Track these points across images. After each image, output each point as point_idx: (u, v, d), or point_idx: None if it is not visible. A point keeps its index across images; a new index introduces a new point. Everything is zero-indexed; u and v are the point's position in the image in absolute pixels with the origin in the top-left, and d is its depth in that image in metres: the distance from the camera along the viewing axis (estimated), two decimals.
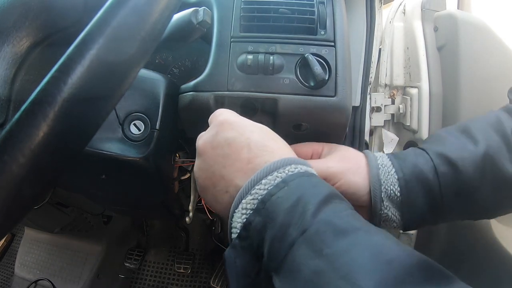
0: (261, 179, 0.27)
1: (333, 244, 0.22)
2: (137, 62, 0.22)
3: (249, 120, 0.33)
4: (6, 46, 0.31)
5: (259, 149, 0.29)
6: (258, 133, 0.31)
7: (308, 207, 0.24)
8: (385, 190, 0.36)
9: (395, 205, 0.36)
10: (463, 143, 0.37)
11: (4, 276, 1.09)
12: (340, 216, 0.24)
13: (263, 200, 0.26)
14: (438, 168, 0.35)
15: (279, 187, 0.26)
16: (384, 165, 0.37)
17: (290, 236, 0.23)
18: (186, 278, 1.00)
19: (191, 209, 0.56)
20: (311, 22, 0.40)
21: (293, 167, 0.28)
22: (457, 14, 0.58)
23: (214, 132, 0.31)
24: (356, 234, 0.22)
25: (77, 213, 0.91)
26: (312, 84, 0.38)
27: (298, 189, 0.26)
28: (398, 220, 0.37)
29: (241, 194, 0.28)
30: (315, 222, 0.23)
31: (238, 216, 0.28)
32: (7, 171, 0.19)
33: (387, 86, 0.63)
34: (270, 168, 0.28)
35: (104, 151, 0.39)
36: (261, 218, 0.26)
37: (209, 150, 0.31)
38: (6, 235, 1.10)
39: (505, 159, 0.35)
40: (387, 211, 0.36)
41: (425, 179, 0.35)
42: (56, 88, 0.19)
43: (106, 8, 0.21)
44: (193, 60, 0.56)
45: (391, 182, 0.36)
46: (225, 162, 0.30)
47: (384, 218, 0.37)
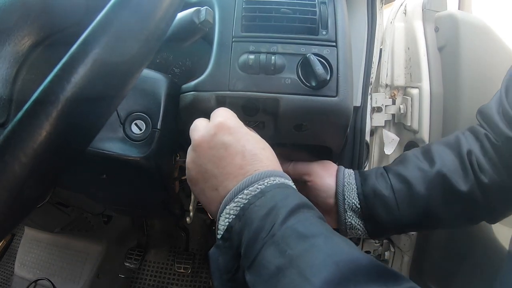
0: (244, 189, 0.31)
1: (295, 247, 0.25)
2: (140, 62, 0.22)
3: (245, 128, 0.35)
4: (8, 46, 0.30)
5: (251, 157, 0.33)
6: (252, 142, 0.34)
7: (279, 215, 0.28)
8: (347, 202, 0.44)
9: (357, 215, 0.44)
10: (421, 164, 0.44)
11: (4, 276, 1.09)
12: (304, 223, 0.28)
13: (243, 208, 0.30)
14: (394, 186, 0.43)
15: (257, 197, 0.30)
16: (350, 183, 0.45)
17: (262, 239, 0.27)
18: (186, 278, 1.00)
19: (191, 209, 0.56)
20: (313, 22, 0.40)
21: (272, 179, 0.32)
22: (457, 15, 0.58)
23: (212, 132, 0.34)
24: (316, 238, 0.26)
25: (77, 213, 0.91)
26: (313, 84, 0.38)
27: (272, 199, 0.29)
28: (362, 228, 0.44)
29: (226, 201, 0.31)
30: (282, 229, 0.27)
31: (223, 219, 0.31)
32: (9, 171, 0.19)
33: (388, 86, 0.63)
34: (252, 179, 0.31)
35: (105, 151, 0.39)
36: (240, 223, 0.29)
37: (206, 149, 0.34)
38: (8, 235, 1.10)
39: (459, 177, 0.41)
40: (351, 220, 0.44)
41: (382, 195, 0.43)
42: (59, 87, 0.19)
43: (110, 7, 0.21)
44: (194, 60, 0.56)
45: (353, 196, 0.44)
46: (219, 163, 0.33)
47: (349, 226, 0.44)
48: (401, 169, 0.44)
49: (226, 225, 0.31)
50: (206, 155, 0.33)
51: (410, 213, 0.42)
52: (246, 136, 0.34)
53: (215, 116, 0.35)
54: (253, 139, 0.34)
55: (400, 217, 0.42)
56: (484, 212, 0.43)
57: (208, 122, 0.35)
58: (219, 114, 0.35)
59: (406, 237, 0.63)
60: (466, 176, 0.41)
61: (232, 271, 0.29)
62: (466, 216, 0.44)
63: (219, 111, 0.36)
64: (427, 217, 0.43)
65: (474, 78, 0.57)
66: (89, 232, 1.00)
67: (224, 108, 0.37)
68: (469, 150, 0.43)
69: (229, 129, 0.33)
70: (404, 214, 0.42)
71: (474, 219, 0.45)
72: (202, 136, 0.34)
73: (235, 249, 0.29)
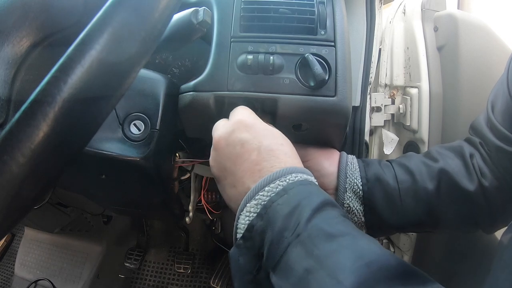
0: (265, 186, 0.30)
1: (322, 247, 0.24)
2: (137, 62, 0.22)
3: (264, 124, 0.35)
4: (6, 46, 0.31)
5: (268, 153, 0.32)
6: (269, 138, 0.33)
7: (303, 214, 0.27)
8: (349, 182, 0.41)
9: (357, 198, 0.41)
10: (425, 160, 0.43)
11: (4, 276, 1.09)
12: (329, 222, 0.27)
13: (265, 206, 0.29)
14: (398, 176, 0.41)
15: (280, 194, 0.29)
16: (353, 163, 0.42)
17: (286, 239, 0.26)
18: (186, 278, 1.00)
19: (191, 209, 0.56)
20: (311, 22, 0.40)
21: (294, 176, 0.31)
22: (457, 14, 0.58)
23: (230, 130, 0.34)
24: (343, 238, 0.25)
25: (77, 213, 0.91)
26: (312, 84, 0.38)
27: (295, 197, 0.29)
28: (360, 214, 0.41)
29: (246, 199, 0.31)
30: (308, 228, 0.26)
31: (243, 218, 0.30)
32: (7, 171, 0.19)
33: (387, 86, 0.63)
34: (273, 177, 0.30)
35: (104, 151, 0.39)
36: (262, 222, 0.28)
37: (224, 146, 0.34)
38: (6, 235, 1.10)
39: (463, 177, 0.40)
40: (349, 202, 0.41)
41: (386, 182, 0.41)
42: (56, 88, 0.19)
43: (107, 8, 0.21)
44: (193, 60, 0.56)
45: (355, 176, 0.41)
46: (236, 160, 0.33)
47: (347, 209, 0.41)
48: (406, 161, 0.43)
49: (246, 224, 0.30)
50: (225, 152, 0.34)
51: (413, 207, 0.40)
52: (264, 132, 0.34)
53: (233, 114, 0.36)
54: (271, 135, 0.34)
55: (401, 211, 0.41)
56: (486, 217, 0.42)
57: (227, 121, 0.36)
58: (237, 112, 0.36)
59: (406, 237, 0.63)
60: (471, 177, 0.41)
61: (254, 272, 0.28)
62: (470, 218, 0.42)
63: (237, 110, 0.36)
64: (429, 214, 0.41)
65: (473, 78, 0.56)
66: (89, 232, 1.00)
67: (242, 106, 0.37)
68: (471, 154, 0.42)
69: (246, 126, 0.34)
70: (406, 208, 0.40)
71: (476, 223, 0.43)
72: (220, 134, 0.34)
73: (257, 249, 0.28)
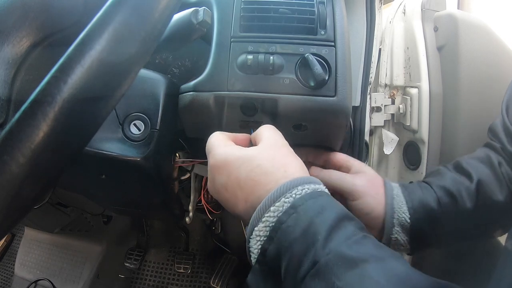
0: (269, 206, 0.28)
1: (344, 277, 0.22)
2: (137, 62, 0.22)
3: (236, 150, 0.32)
4: (6, 46, 0.31)
5: (248, 186, 0.30)
6: (244, 167, 0.30)
7: (317, 237, 0.24)
8: (397, 217, 0.40)
9: (404, 230, 0.41)
10: (460, 179, 0.43)
11: (4, 276, 1.09)
12: (349, 244, 0.24)
13: (274, 229, 0.27)
14: (441, 200, 0.41)
15: (288, 213, 0.27)
16: (398, 195, 0.42)
17: (302, 268, 0.24)
18: (186, 278, 1.00)
19: (191, 209, 0.56)
20: (311, 22, 0.40)
21: (300, 189, 0.28)
22: (457, 14, 0.58)
23: (212, 177, 0.33)
24: (367, 264, 0.22)
25: (77, 213, 0.91)
26: (312, 84, 0.38)
27: (306, 215, 0.26)
28: (406, 244, 0.41)
29: (253, 222, 0.28)
30: (324, 254, 0.23)
31: (254, 243, 0.28)
32: (7, 171, 0.19)
33: (387, 86, 0.63)
34: (276, 194, 0.28)
35: (104, 151, 0.39)
36: (275, 246, 0.26)
37: (216, 195, 0.33)
38: (6, 235, 1.10)
39: (495, 188, 0.41)
40: (397, 235, 0.40)
41: (430, 209, 0.40)
42: (56, 88, 0.19)
43: (106, 8, 0.21)
44: (193, 60, 0.56)
45: (403, 210, 0.40)
46: (229, 204, 0.32)
47: (394, 242, 0.41)
48: (443, 181, 0.43)
49: (259, 248, 0.27)
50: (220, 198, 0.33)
51: (453, 227, 0.41)
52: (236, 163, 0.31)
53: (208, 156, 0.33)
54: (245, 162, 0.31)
55: (442, 233, 0.41)
56: None
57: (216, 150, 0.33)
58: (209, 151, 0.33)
59: None
60: (501, 186, 0.42)
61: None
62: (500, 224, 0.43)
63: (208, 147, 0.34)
64: (466, 231, 0.42)
65: (473, 78, 0.56)
66: (89, 232, 1.00)
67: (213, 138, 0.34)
68: (499, 162, 0.43)
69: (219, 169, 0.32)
70: (447, 229, 0.41)
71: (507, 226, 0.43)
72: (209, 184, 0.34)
73: (276, 274, 0.26)
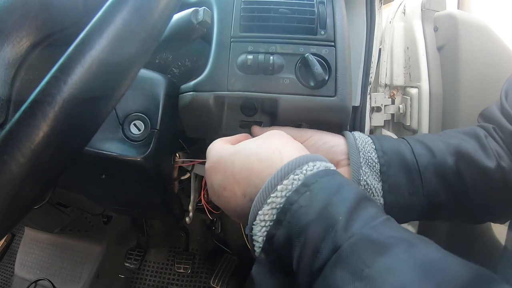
0: (276, 185, 0.24)
1: (374, 263, 0.19)
2: (137, 62, 0.22)
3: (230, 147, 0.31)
4: (6, 46, 0.31)
5: (244, 177, 0.28)
6: (238, 160, 0.29)
7: (338, 219, 0.21)
8: (363, 155, 0.35)
9: (374, 173, 0.35)
10: (439, 138, 0.38)
11: (4, 276, 1.09)
12: (374, 226, 0.21)
13: (283, 210, 0.23)
14: (415, 150, 0.35)
15: (300, 192, 0.23)
16: (361, 137, 0.37)
17: (320, 255, 0.20)
18: (186, 278, 1.00)
19: (191, 209, 0.56)
20: (311, 22, 0.40)
21: (311, 165, 0.25)
22: (457, 14, 0.58)
23: (210, 182, 0.32)
24: (397, 248, 0.19)
25: (77, 213, 0.91)
26: (312, 84, 0.38)
27: (321, 194, 0.22)
28: (378, 193, 0.34)
29: (256, 205, 0.25)
30: (348, 237, 0.20)
31: (258, 229, 0.25)
32: (7, 171, 0.19)
33: (387, 86, 0.63)
34: (284, 171, 0.24)
35: (104, 151, 0.39)
36: (284, 230, 0.23)
37: (217, 199, 0.31)
38: (6, 235, 1.10)
39: (481, 156, 0.36)
40: (366, 178, 0.34)
41: (403, 155, 0.35)
42: (56, 88, 0.19)
43: (106, 8, 0.21)
44: (193, 60, 0.56)
45: (368, 150, 0.35)
46: (230, 205, 0.30)
47: (364, 187, 0.34)
48: (421, 137, 0.38)
49: (264, 235, 0.24)
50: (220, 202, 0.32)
51: (434, 185, 0.34)
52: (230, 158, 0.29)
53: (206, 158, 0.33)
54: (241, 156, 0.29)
55: (422, 190, 0.34)
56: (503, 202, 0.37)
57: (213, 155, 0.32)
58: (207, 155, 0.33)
59: None
60: (489, 156, 0.36)
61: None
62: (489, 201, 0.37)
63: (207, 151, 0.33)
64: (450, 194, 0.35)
65: (473, 78, 0.56)
66: (89, 232, 1.00)
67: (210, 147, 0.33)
68: (486, 135, 0.38)
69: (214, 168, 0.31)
70: (427, 186, 0.34)
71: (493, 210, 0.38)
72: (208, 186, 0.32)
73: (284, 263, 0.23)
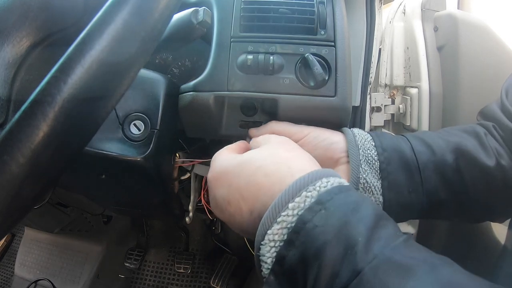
0: (287, 202, 0.23)
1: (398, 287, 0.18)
2: (137, 62, 0.22)
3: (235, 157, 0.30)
4: (6, 46, 0.31)
5: (251, 193, 0.26)
6: (244, 172, 0.27)
7: (357, 238, 0.20)
8: (363, 153, 0.34)
9: (373, 171, 0.34)
10: (438, 136, 0.38)
11: (4, 276, 1.09)
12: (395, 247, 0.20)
13: (295, 230, 0.22)
14: (415, 147, 0.35)
15: (313, 210, 0.22)
16: (361, 134, 0.37)
17: (340, 278, 0.19)
18: (186, 278, 1.00)
19: (191, 209, 0.56)
20: (311, 22, 0.40)
21: (325, 181, 0.23)
22: (457, 14, 0.58)
23: (212, 194, 0.30)
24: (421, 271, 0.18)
25: (77, 213, 0.91)
26: (312, 84, 0.38)
27: (338, 213, 0.21)
28: (378, 192, 0.34)
29: (264, 224, 0.23)
30: (369, 260, 0.19)
31: (267, 250, 0.23)
32: (7, 171, 0.19)
33: (387, 86, 0.63)
34: (295, 188, 0.23)
35: (104, 151, 0.39)
36: (297, 251, 0.21)
37: (220, 214, 0.30)
38: (6, 235, 1.10)
39: (481, 154, 0.36)
40: (366, 176, 0.34)
41: (403, 152, 0.35)
42: (56, 88, 0.19)
43: (106, 8, 0.21)
44: (193, 60, 0.56)
45: (368, 147, 0.35)
46: (235, 221, 0.28)
47: (363, 186, 0.34)
48: (420, 134, 0.38)
49: (274, 256, 0.23)
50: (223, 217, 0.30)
51: (434, 183, 0.34)
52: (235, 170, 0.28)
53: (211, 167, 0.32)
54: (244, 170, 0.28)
55: (422, 188, 0.34)
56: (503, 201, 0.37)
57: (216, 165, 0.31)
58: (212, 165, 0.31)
59: None
60: (488, 154, 0.36)
61: None
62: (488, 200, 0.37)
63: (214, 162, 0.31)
64: (450, 193, 0.35)
65: (473, 78, 0.56)
66: (89, 232, 1.00)
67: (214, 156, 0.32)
68: (485, 133, 0.38)
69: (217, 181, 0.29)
70: (427, 184, 0.34)
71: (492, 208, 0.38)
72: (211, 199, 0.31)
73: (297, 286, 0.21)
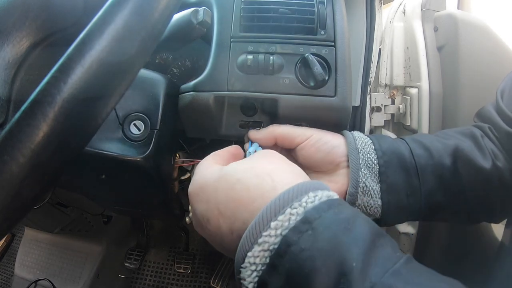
0: (269, 220, 0.20)
1: None
2: (137, 62, 0.22)
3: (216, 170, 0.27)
4: (6, 46, 0.31)
5: (230, 210, 0.24)
6: (222, 187, 0.25)
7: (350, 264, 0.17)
8: (362, 157, 0.35)
9: (373, 175, 0.35)
10: (436, 138, 0.39)
11: (4, 276, 1.09)
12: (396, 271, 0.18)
13: (278, 253, 0.19)
14: (414, 150, 0.36)
15: (299, 230, 0.19)
16: (361, 137, 0.37)
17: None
18: (186, 278, 1.00)
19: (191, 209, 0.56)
20: (311, 22, 0.40)
21: (312, 195, 0.21)
22: (457, 14, 0.58)
23: (193, 208, 0.28)
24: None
25: (77, 213, 0.91)
26: (312, 84, 0.38)
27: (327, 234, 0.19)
28: (376, 195, 0.34)
29: (244, 244, 0.21)
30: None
31: (248, 274, 0.21)
32: (7, 171, 0.19)
33: (387, 86, 0.63)
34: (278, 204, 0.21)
35: (104, 151, 0.39)
36: (280, 278, 0.19)
37: (201, 231, 0.28)
38: (6, 235, 1.10)
39: (477, 155, 0.36)
40: (365, 179, 0.34)
41: (402, 156, 0.35)
42: (56, 88, 0.19)
43: (106, 8, 0.21)
44: (193, 60, 0.56)
45: (368, 150, 0.36)
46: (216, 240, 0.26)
47: (362, 190, 0.34)
48: (419, 137, 0.38)
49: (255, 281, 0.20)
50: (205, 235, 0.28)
51: (432, 186, 0.35)
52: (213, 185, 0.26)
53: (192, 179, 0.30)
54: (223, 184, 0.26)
55: (419, 191, 0.35)
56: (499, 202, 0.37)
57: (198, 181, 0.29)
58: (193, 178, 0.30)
59: (406, 237, 0.63)
60: (485, 156, 0.37)
61: None
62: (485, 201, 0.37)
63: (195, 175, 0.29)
64: (447, 195, 0.35)
65: (473, 78, 0.57)
66: (89, 232, 1.00)
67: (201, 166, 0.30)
68: (482, 135, 0.39)
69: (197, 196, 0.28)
70: (425, 187, 0.35)
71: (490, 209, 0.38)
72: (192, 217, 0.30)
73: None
